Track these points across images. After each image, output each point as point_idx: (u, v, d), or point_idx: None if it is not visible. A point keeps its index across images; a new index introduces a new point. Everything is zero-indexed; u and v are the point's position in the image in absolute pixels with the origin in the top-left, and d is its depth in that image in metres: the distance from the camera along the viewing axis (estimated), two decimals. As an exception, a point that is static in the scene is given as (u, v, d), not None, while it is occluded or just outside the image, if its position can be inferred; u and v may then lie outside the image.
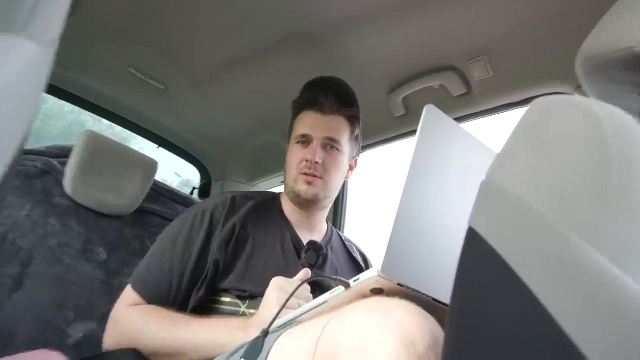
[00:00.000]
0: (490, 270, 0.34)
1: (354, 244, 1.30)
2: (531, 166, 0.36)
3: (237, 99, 1.60)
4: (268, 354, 0.61)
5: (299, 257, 1.04)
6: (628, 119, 0.36)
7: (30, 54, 0.25)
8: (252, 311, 0.93)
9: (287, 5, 1.12)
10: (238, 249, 1.00)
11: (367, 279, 0.56)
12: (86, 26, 1.32)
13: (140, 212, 1.39)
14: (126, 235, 1.33)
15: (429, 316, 0.53)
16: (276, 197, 1.19)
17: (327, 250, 1.13)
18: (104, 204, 1.29)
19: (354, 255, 1.23)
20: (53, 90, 1.66)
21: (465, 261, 0.37)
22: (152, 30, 1.33)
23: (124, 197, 1.32)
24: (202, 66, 1.46)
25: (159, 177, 1.48)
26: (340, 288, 0.61)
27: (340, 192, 1.68)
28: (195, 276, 0.97)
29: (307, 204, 1.09)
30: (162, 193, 1.51)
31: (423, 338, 0.48)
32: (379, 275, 0.53)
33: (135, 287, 0.96)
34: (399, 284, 0.54)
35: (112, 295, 1.19)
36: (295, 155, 1.09)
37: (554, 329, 0.28)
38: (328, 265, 1.11)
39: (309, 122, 1.09)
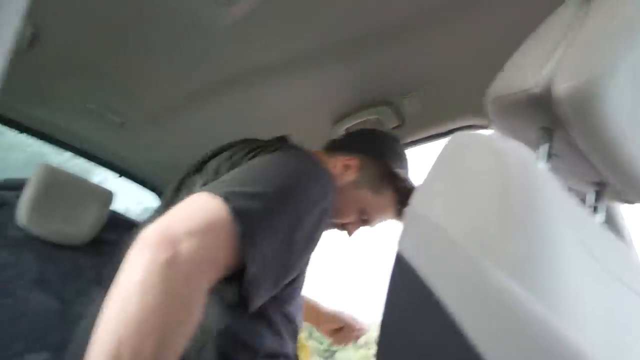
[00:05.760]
0: (413, 290, 0.35)
1: None
2: (447, 195, 0.38)
3: (194, 132, 1.57)
4: None
5: None
6: (525, 151, 0.38)
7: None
8: None
9: (236, 48, 1.12)
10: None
11: None
12: (44, 61, 1.26)
13: (97, 242, 1.31)
14: (81, 265, 1.25)
15: None
16: None
17: None
18: (59, 234, 1.21)
19: None
20: (12, 123, 1.56)
21: (392, 283, 0.38)
22: (110, 67, 1.29)
23: (79, 227, 1.25)
24: (158, 102, 1.42)
25: (122, 204, 1.42)
26: None
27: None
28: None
29: None
30: (120, 223, 1.44)
31: None
32: None
33: (238, 231, 0.55)
34: None
35: (68, 324, 1.11)
36: (351, 214, 0.91)
37: (466, 345, 0.28)
38: None
39: (383, 218, 0.94)
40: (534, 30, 0.55)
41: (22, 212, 1.15)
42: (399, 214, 0.94)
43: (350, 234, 0.93)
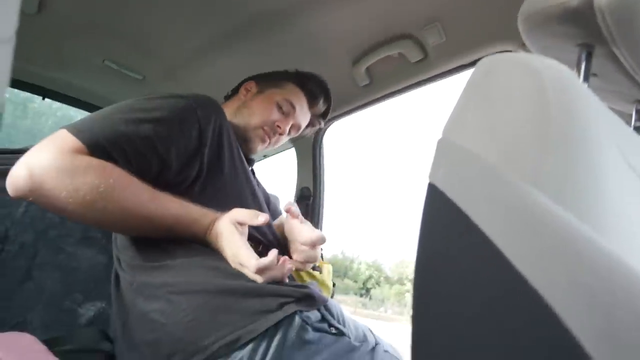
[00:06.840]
0: (450, 219, 0.34)
1: None
2: (479, 121, 0.36)
3: (213, 83, 1.55)
4: None
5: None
6: (564, 69, 0.36)
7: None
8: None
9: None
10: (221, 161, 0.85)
11: None
12: (55, 22, 1.25)
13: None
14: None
15: None
16: None
17: None
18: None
19: None
20: (35, 88, 1.58)
21: (426, 214, 0.37)
22: (124, 23, 1.26)
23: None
24: (176, 53, 1.40)
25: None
26: None
27: (317, 158, 1.67)
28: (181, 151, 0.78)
29: (245, 149, 1.02)
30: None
31: None
32: None
33: (78, 135, 0.70)
34: None
35: (116, 276, 1.18)
36: (271, 112, 1.03)
37: (508, 267, 0.28)
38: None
39: (301, 104, 1.08)
40: None
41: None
42: (309, 95, 1.11)
43: (283, 131, 1.05)
